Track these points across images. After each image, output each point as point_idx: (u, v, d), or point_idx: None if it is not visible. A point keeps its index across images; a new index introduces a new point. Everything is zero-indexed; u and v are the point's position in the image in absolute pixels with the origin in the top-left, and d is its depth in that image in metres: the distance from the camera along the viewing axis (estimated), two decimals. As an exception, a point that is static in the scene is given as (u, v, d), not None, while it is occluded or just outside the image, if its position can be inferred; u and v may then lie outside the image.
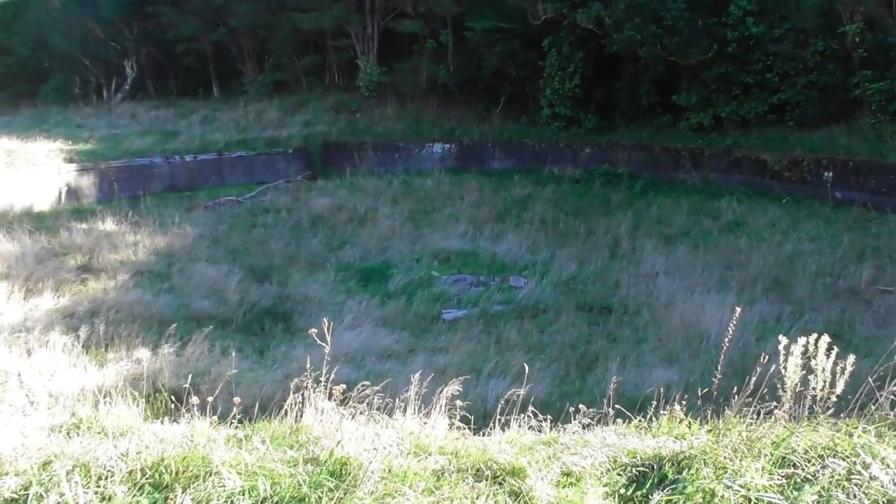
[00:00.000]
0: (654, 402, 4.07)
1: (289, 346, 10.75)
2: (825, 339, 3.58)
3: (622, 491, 3.22)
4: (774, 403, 3.60)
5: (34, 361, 8.52)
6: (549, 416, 4.20)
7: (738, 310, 4.12)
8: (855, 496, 3.04)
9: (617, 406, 4.16)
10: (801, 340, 3.57)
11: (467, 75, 27.33)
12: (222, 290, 13.28)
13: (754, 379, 3.77)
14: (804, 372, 3.63)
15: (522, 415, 4.22)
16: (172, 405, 5.62)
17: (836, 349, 3.60)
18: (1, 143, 19.45)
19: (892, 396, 3.66)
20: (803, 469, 3.23)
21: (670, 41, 22.06)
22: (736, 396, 3.71)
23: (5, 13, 34.61)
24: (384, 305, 13.28)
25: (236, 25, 30.45)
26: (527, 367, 4.47)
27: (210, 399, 4.17)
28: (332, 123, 26.91)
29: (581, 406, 4.01)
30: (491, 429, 4.16)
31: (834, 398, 3.56)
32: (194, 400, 4.05)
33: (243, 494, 3.29)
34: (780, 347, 3.61)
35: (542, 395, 7.88)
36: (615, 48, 22.97)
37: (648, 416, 4.01)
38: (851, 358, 3.60)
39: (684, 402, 3.99)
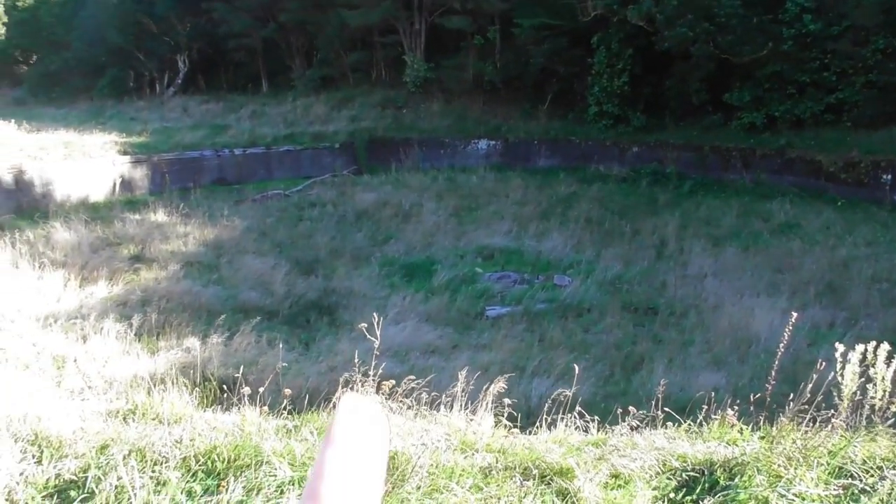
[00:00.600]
0: (705, 406, 4.01)
1: (333, 339, 10.84)
2: (885, 346, 3.48)
3: (672, 495, 3.18)
4: (831, 412, 3.52)
5: (89, 347, 8.76)
6: (595, 417, 4.18)
7: (795, 315, 4.03)
8: (915, 509, 2.96)
9: (666, 409, 4.12)
10: (859, 348, 3.47)
11: (514, 72, 27.20)
12: (269, 282, 13.46)
13: (809, 386, 3.69)
14: (862, 380, 3.53)
15: (569, 414, 4.20)
16: (223, 394, 5.73)
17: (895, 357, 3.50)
18: (59, 135, 19.99)
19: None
20: (861, 480, 3.15)
21: (723, 39, 21.64)
22: (791, 403, 3.63)
23: (65, 9, 35.59)
24: (428, 301, 13.30)
25: (286, 21, 30.82)
26: (576, 368, 4.43)
27: (261, 390, 4.24)
28: (378, 119, 27.05)
29: (630, 408, 3.97)
30: (537, 427, 4.15)
31: (894, 408, 3.46)
32: (246, 390, 4.12)
33: (293, 484, 3.34)
34: (837, 355, 3.52)
35: (586, 395, 7.81)
36: (666, 45, 22.61)
37: (698, 421, 3.96)
38: (914, 367, 3.49)
39: (736, 408, 3.93)
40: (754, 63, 21.91)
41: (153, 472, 3.52)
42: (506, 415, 4.10)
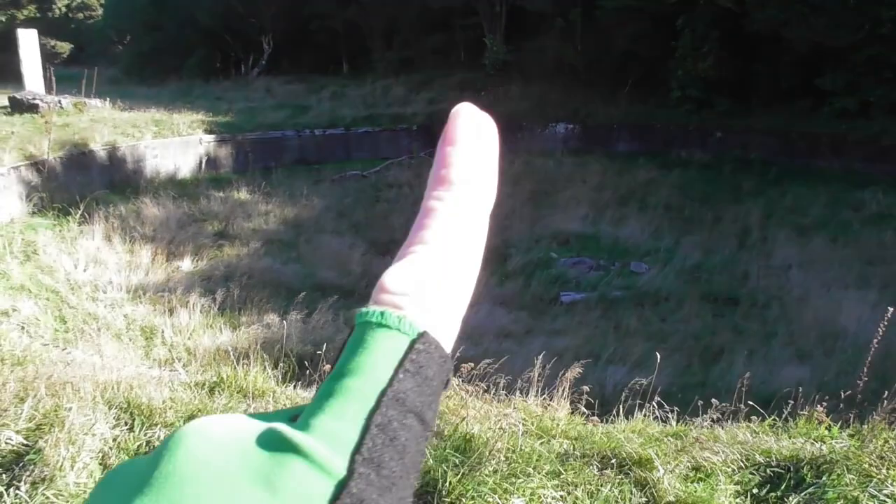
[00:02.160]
0: (791, 402, 3.88)
1: (408, 320, 10.95)
2: None
3: (755, 491, 3.10)
4: (930, 413, 3.36)
5: (175, 320, 9.14)
6: (675, 408, 4.10)
7: (891, 310, 3.85)
8: None
9: (749, 403, 4.00)
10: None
11: (595, 55, 26.68)
12: (346, 261, 13.69)
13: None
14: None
15: (648, 404, 4.14)
16: (302, 370, 5.88)
17: None
18: (150, 113, 20.72)
19: None
20: (960, 486, 3.00)
21: (817, 21, 20.64)
22: (885, 401, 3.48)
23: (158, -9, 36.81)
24: (502, 285, 13.30)
25: (367, 3, 31.02)
26: (658, 357, 4.36)
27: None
28: (456, 101, 26.57)
29: (713, 400, 3.88)
30: (614, 416, 4.11)
31: None
32: (327, 367, 4.20)
33: (371, 462, 3.39)
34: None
35: (663, 385, 7.68)
36: (755, 28, 21.76)
37: (784, 416, 3.83)
38: None
39: (825, 404, 3.79)
40: (849, 46, 20.85)
41: (238, 443, 3.64)
42: (584, 402, 4.06)
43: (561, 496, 3.09)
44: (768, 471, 3.25)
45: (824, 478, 3.09)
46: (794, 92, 23.17)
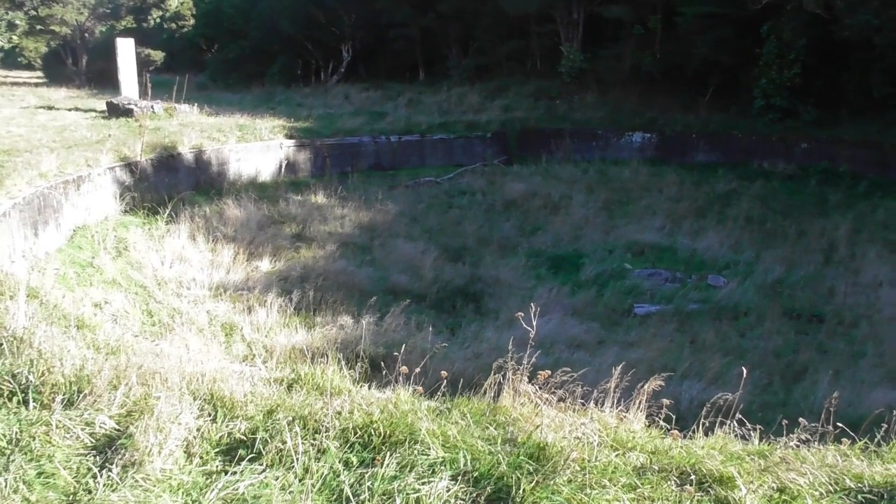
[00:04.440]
0: (884, 425, 3.70)
1: (479, 326, 10.96)
2: None
3: (845, 516, 2.98)
4: None
5: (254, 318, 9.38)
6: (758, 426, 3.97)
7: None
8: None
9: (839, 424, 3.84)
10: None
11: (673, 63, 26.15)
12: (418, 266, 13.78)
13: None
14: None
15: (728, 421, 4.02)
16: (374, 371, 5.95)
17: None
18: (234, 118, 21.41)
19: None
20: None
21: (914, 27, 19.70)
22: None
23: (245, 1, 38.08)
24: (574, 294, 13.14)
25: (444, 10, 31.29)
26: (744, 371, 4.22)
27: (416, 370, 4.36)
28: (531, 109, 26.90)
29: (801, 420, 3.74)
30: (693, 432, 4.01)
31: None
32: (403, 369, 4.24)
33: (444, 465, 3.41)
34: None
35: (742, 402, 7.44)
36: (845, 34, 20.90)
37: (876, 440, 3.66)
38: None
39: (921, 429, 3.61)
40: (950, 54, 19.81)
41: (314, 439, 3.71)
42: (662, 416, 3.98)
43: (637, 510, 3.03)
44: (859, 497, 3.11)
45: (921, 506, 2.94)
46: (886, 101, 22.16)
